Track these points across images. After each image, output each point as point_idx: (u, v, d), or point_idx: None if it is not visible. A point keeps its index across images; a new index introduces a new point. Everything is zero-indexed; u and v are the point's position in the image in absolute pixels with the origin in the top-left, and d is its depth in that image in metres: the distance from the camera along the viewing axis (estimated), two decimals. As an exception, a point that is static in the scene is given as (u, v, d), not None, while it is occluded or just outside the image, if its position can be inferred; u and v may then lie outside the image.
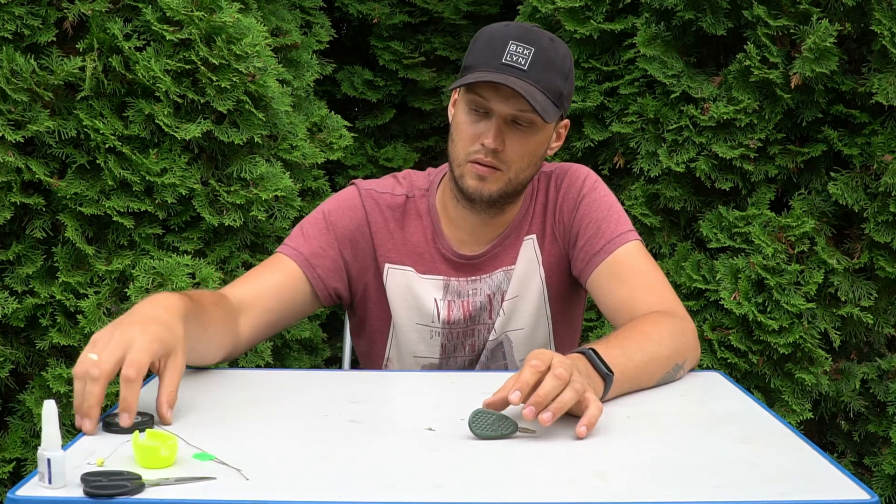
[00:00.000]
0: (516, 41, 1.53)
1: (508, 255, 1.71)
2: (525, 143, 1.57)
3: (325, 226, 1.68)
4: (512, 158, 1.57)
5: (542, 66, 1.53)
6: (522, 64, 1.52)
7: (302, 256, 1.65)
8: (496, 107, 1.54)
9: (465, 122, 1.58)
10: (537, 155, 1.62)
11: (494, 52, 1.53)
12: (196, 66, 2.33)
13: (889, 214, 2.51)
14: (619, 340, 1.42)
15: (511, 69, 1.52)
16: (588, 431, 1.19)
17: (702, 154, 2.67)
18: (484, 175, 1.57)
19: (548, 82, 1.54)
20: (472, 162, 1.58)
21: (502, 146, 1.55)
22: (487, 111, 1.55)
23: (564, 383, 1.18)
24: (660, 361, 1.44)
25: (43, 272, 2.32)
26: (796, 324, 2.52)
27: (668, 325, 1.49)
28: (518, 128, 1.56)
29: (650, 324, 1.49)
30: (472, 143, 1.57)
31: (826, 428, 2.74)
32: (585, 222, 1.67)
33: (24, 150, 2.28)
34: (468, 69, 1.57)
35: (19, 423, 2.35)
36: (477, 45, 1.59)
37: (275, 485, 1.02)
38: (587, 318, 2.86)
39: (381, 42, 3.79)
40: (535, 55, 1.52)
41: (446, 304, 1.70)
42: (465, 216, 1.68)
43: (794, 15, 2.54)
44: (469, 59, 1.58)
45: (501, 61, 1.52)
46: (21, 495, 0.98)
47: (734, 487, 1.04)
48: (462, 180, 1.60)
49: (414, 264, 1.71)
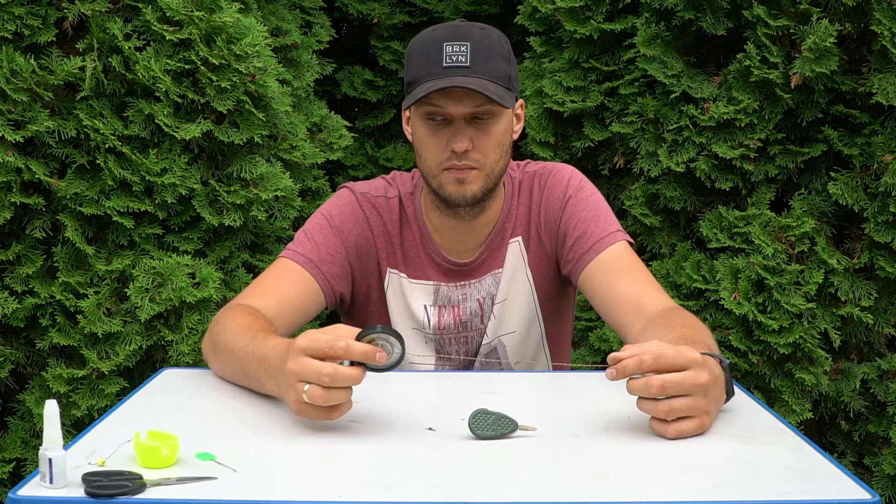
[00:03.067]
0: (449, 41, 1.53)
1: (495, 258, 1.71)
2: (491, 135, 1.57)
3: (332, 230, 1.68)
4: (484, 153, 1.57)
5: (483, 56, 1.53)
6: (464, 61, 1.52)
7: (312, 263, 1.64)
8: (453, 110, 1.54)
9: (425, 134, 1.58)
10: (505, 143, 1.61)
11: (432, 59, 1.53)
12: (196, 66, 2.33)
13: (889, 214, 2.51)
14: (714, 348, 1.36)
15: (455, 70, 1.51)
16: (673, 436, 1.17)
17: (702, 154, 2.67)
18: (462, 178, 1.57)
19: (494, 70, 1.54)
20: (447, 169, 1.57)
21: (471, 145, 1.55)
22: (445, 117, 1.55)
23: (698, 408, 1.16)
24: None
25: (43, 272, 2.32)
26: (796, 324, 2.52)
27: (703, 325, 1.47)
28: (479, 123, 1.56)
29: (695, 324, 1.45)
30: (440, 153, 1.57)
31: (826, 428, 2.74)
32: (573, 222, 1.66)
33: (24, 150, 2.28)
34: (412, 84, 1.56)
35: (19, 423, 2.35)
36: (412, 58, 1.58)
37: (275, 485, 1.02)
38: (587, 317, 2.86)
39: (381, 42, 3.78)
40: (473, 48, 1.52)
41: (436, 311, 1.70)
42: (450, 224, 1.68)
43: (794, 15, 2.54)
44: (410, 75, 1.58)
45: (443, 66, 1.52)
46: (22, 495, 0.98)
47: (734, 487, 1.04)
48: (442, 189, 1.60)
49: (406, 269, 1.71)
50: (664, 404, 1.15)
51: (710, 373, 1.19)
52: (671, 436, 1.16)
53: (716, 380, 1.21)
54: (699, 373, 1.16)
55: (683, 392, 1.15)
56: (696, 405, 1.17)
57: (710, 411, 1.19)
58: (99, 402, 2.25)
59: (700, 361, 1.17)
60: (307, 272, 1.63)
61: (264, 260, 2.54)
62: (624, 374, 1.15)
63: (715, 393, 1.21)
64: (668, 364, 1.15)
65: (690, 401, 1.16)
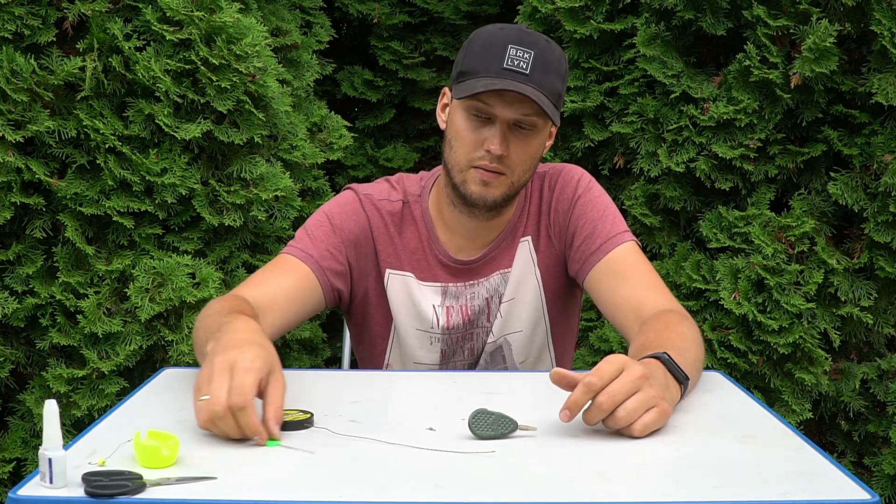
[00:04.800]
0: (515, 45, 1.51)
1: (504, 257, 1.71)
2: (527, 146, 1.57)
3: (331, 228, 1.67)
4: (515, 162, 1.57)
5: (542, 68, 1.52)
6: (524, 68, 1.51)
7: (312, 259, 1.64)
8: (500, 112, 1.53)
9: (465, 128, 1.56)
10: (537, 157, 1.62)
11: (494, 57, 1.52)
12: (196, 66, 2.33)
13: (889, 214, 2.51)
14: (666, 342, 1.37)
15: (513, 74, 1.50)
16: (641, 433, 1.18)
17: (702, 154, 2.67)
18: (488, 180, 1.57)
19: (549, 85, 1.53)
20: (476, 167, 1.57)
21: (507, 151, 1.55)
22: (489, 116, 1.54)
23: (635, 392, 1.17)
24: (699, 364, 1.42)
25: (43, 272, 2.32)
26: (796, 324, 2.52)
27: (693, 328, 1.48)
28: (520, 132, 1.56)
29: (680, 324, 1.47)
30: (475, 150, 1.56)
31: (826, 428, 2.74)
32: (581, 223, 1.67)
33: (24, 150, 2.28)
34: (467, 74, 1.55)
35: (19, 423, 2.35)
36: (473, 48, 1.56)
37: (275, 484, 1.02)
38: (587, 317, 2.86)
39: (381, 42, 3.79)
40: (535, 58, 1.51)
41: (445, 310, 1.70)
42: (462, 221, 1.68)
43: (793, 15, 2.54)
44: (466, 64, 1.56)
45: (503, 66, 1.51)
46: (22, 495, 0.98)
47: (734, 487, 1.04)
48: (464, 186, 1.59)
49: (413, 270, 1.71)
50: (621, 411, 1.17)
51: (643, 365, 1.21)
52: (639, 432, 1.17)
53: (652, 371, 1.23)
54: (632, 368, 1.19)
55: (629, 391, 1.17)
56: (647, 396, 1.18)
57: (663, 397, 1.21)
58: (99, 402, 2.25)
59: (622, 360, 1.20)
60: (307, 266, 1.63)
61: (264, 260, 2.54)
62: (577, 408, 1.17)
63: (659, 380, 1.23)
64: (609, 376, 1.17)
65: (640, 395, 1.18)
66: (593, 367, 1.19)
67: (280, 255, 1.67)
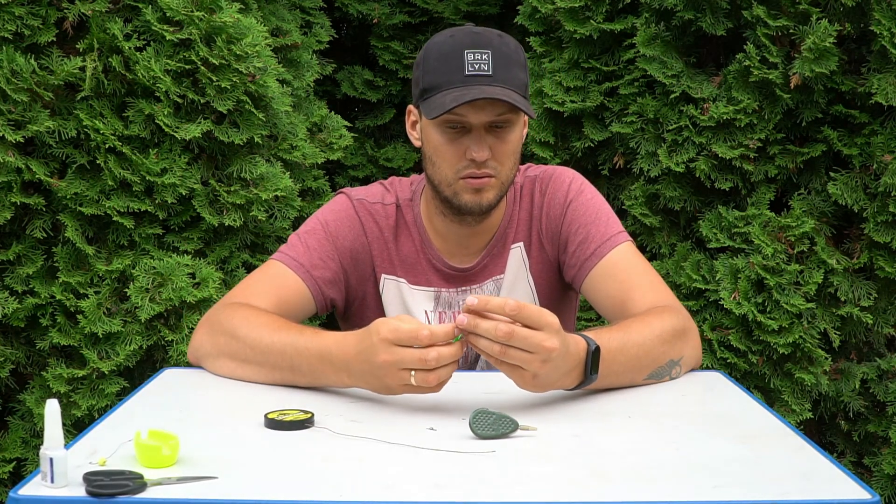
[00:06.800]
0: (470, 49, 1.50)
1: (497, 264, 1.71)
2: (507, 143, 1.57)
3: (325, 236, 1.66)
4: (501, 161, 1.56)
5: (503, 65, 1.51)
6: (486, 70, 1.50)
7: (303, 268, 1.63)
8: (474, 119, 1.52)
9: (443, 142, 1.55)
10: (519, 150, 1.61)
11: (453, 66, 1.50)
12: (196, 66, 2.33)
13: (889, 214, 2.51)
14: (622, 326, 1.43)
15: (477, 78, 1.49)
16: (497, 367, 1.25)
17: (701, 154, 2.67)
18: (480, 187, 1.56)
19: (513, 78, 1.53)
20: (464, 178, 1.56)
21: (490, 154, 1.54)
22: (464, 125, 1.53)
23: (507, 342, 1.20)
24: (654, 353, 1.43)
25: (43, 272, 2.32)
26: (796, 324, 2.52)
27: (670, 319, 1.48)
28: (497, 131, 1.55)
29: (654, 315, 1.48)
30: (458, 161, 1.55)
31: (826, 428, 2.74)
32: (574, 228, 1.65)
33: (24, 150, 2.28)
34: (431, 90, 1.53)
35: (19, 423, 2.35)
36: (430, 62, 1.54)
37: (275, 484, 1.03)
38: (587, 318, 2.86)
39: (381, 42, 3.78)
40: (494, 57, 1.51)
41: (437, 317, 1.70)
42: (452, 229, 1.67)
43: (793, 15, 2.54)
44: (427, 80, 1.54)
45: (464, 73, 1.50)
46: (23, 494, 0.98)
47: (734, 487, 1.04)
48: (457, 198, 1.58)
49: (405, 275, 1.70)
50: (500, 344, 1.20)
51: (562, 343, 1.22)
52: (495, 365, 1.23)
53: (566, 352, 1.24)
54: (549, 336, 1.20)
55: (526, 347, 1.19)
56: (531, 362, 1.21)
57: (540, 374, 1.23)
58: (99, 402, 2.25)
59: (555, 328, 1.21)
60: (297, 276, 1.62)
61: (264, 260, 2.53)
62: (484, 303, 1.20)
63: (558, 363, 1.24)
64: (526, 317, 1.19)
65: (527, 356, 1.20)
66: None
67: (271, 262, 1.65)
